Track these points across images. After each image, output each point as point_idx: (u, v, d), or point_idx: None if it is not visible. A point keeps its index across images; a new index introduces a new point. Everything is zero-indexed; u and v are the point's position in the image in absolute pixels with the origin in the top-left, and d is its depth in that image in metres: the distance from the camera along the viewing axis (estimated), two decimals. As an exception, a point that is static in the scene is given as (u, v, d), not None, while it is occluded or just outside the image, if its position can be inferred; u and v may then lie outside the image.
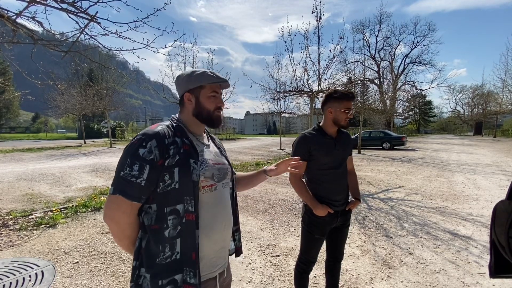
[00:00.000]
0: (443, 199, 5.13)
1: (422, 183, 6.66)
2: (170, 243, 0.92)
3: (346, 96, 1.71)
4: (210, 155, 1.09)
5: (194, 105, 1.06)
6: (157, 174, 0.91)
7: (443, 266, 2.64)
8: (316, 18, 8.26)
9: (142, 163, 0.89)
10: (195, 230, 0.94)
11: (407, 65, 41.99)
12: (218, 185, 1.06)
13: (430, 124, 63.45)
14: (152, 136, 0.93)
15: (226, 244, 1.09)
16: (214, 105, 1.07)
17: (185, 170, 0.94)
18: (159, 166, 0.91)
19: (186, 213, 0.93)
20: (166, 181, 0.93)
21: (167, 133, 0.97)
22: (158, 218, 0.93)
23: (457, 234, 3.42)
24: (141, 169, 0.89)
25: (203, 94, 1.06)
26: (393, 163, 10.44)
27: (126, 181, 0.89)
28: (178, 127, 1.03)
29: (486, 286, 2.30)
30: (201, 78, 1.04)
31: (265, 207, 4.70)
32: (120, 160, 0.92)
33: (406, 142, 17.22)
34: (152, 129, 0.97)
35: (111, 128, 21.31)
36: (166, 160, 0.92)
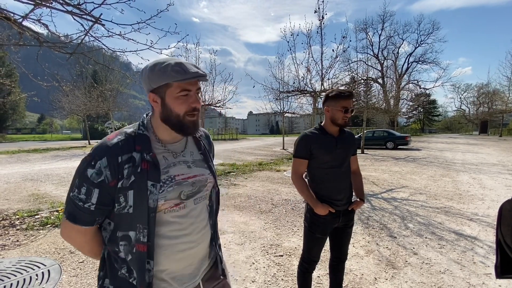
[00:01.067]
0: (448, 199, 5.09)
1: (426, 182, 6.61)
2: (126, 265, 0.84)
3: (342, 95, 1.71)
4: (182, 168, 0.92)
5: (161, 108, 0.86)
6: (110, 195, 0.81)
7: (448, 267, 2.62)
8: (319, 18, 8.24)
9: (90, 186, 0.78)
10: (145, 263, 0.83)
11: (410, 64, 41.76)
12: (187, 202, 0.92)
13: (434, 124, 62.91)
14: (103, 153, 0.79)
15: (196, 261, 0.97)
16: (186, 107, 0.85)
17: (141, 194, 0.81)
18: (111, 187, 0.80)
19: (137, 243, 0.82)
20: (121, 203, 0.82)
21: (123, 147, 0.82)
22: (111, 240, 0.86)
23: (463, 234, 3.39)
24: (89, 193, 0.79)
25: (170, 94, 0.83)
26: (397, 163, 10.38)
27: (74, 204, 0.80)
28: (141, 136, 0.86)
29: (492, 287, 2.28)
30: (163, 74, 0.80)
31: (268, 207, 4.70)
32: (73, 178, 0.82)
33: (410, 141, 17.10)
34: (106, 142, 0.82)
35: (115, 129, 21.49)
36: (119, 181, 0.80)
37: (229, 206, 4.81)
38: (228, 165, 9.90)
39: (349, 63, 16.77)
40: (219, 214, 1.10)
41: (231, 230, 3.66)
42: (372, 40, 39.59)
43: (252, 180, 7.23)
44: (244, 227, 3.75)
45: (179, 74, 0.79)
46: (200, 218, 0.97)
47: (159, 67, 0.81)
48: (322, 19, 8.25)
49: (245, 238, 3.39)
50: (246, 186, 6.41)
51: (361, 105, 16.86)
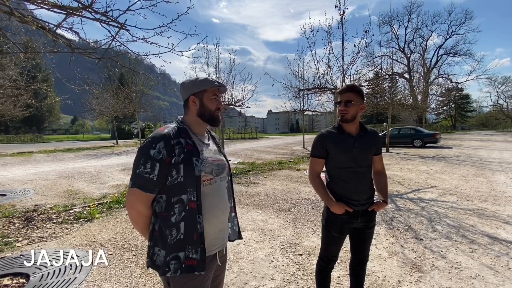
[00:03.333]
0: (482, 200, 4.75)
1: (457, 183, 6.21)
2: (176, 227, 1.12)
3: (339, 90, 1.74)
4: (210, 153, 1.26)
5: (198, 107, 1.24)
6: (166, 170, 1.11)
7: (479, 272, 2.46)
8: (340, 12, 8.00)
9: (153, 162, 1.09)
10: (197, 216, 1.13)
11: (440, 57, 39.33)
12: (217, 179, 1.25)
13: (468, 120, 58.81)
14: (160, 138, 1.12)
15: (224, 227, 1.29)
16: (215, 106, 1.26)
17: (189, 166, 1.13)
18: (167, 163, 1.10)
19: (189, 202, 1.12)
20: (173, 176, 1.12)
21: (173, 135, 1.15)
22: (167, 207, 1.13)
23: (497, 238, 3.15)
24: (153, 167, 1.09)
25: (206, 97, 1.24)
26: (424, 162, 9.85)
27: (141, 177, 1.09)
28: (182, 128, 1.21)
29: (530, 295, 2.11)
30: (204, 83, 1.23)
31: (288, 206, 4.68)
32: (136, 159, 1.12)
33: (439, 139, 16.12)
34: (160, 131, 1.15)
35: (140, 129, 22.47)
36: (172, 158, 1.11)
37: (248, 204, 4.85)
38: (248, 164, 9.98)
39: (372, 58, 16.15)
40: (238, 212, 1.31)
41: (250, 227, 3.70)
42: (397, 33, 37.81)
43: (272, 179, 7.23)
44: (264, 226, 3.77)
45: (215, 84, 1.25)
46: (224, 194, 1.30)
47: (200, 79, 1.24)
48: (343, 14, 8.00)
49: (264, 236, 3.41)
50: (266, 185, 6.43)
51: (386, 102, 16.15)
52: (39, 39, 4.51)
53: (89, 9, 2.46)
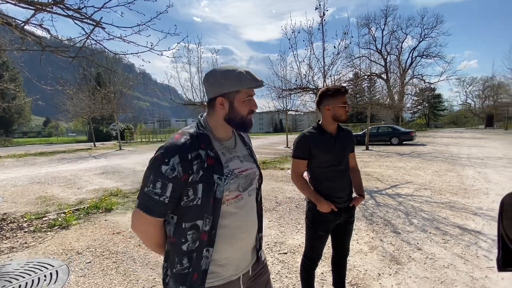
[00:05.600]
0: (453, 193, 5.05)
1: (431, 178, 6.56)
2: (188, 256, 0.92)
3: (340, 91, 1.73)
4: (237, 163, 1.02)
5: (227, 111, 0.96)
6: (181, 189, 0.89)
7: (452, 261, 2.61)
8: (320, 14, 8.19)
9: (165, 181, 0.87)
10: (204, 250, 0.92)
11: (415, 58, 41.25)
12: (244, 194, 1.02)
13: (440, 118, 62.16)
14: (175, 151, 0.88)
15: (249, 248, 1.07)
16: (248, 109, 0.98)
17: (209, 187, 0.90)
18: (183, 182, 0.88)
19: (203, 232, 0.92)
20: (189, 196, 0.90)
21: (190, 145, 0.91)
22: (176, 231, 0.93)
23: (467, 229, 3.36)
24: (164, 187, 0.87)
25: (238, 99, 0.95)
26: (401, 159, 10.30)
27: (149, 198, 0.89)
28: (203, 135, 0.95)
29: (495, 280, 2.27)
30: (238, 82, 0.93)
31: (272, 205, 4.72)
32: (145, 174, 0.91)
33: (415, 137, 16.93)
34: (175, 141, 0.90)
35: (120, 131, 21.70)
36: (190, 176, 0.88)
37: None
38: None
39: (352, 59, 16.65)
40: None
41: (235, 228, 3.68)
42: (375, 35, 39.25)
43: (256, 178, 7.24)
44: (248, 226, 3.77)
45: (252, 83, 0.94)
46: (252, 209, 1.08)
47: (233, 75, 0.92)
48: (323, 16, 8.20)
49: (248, 236, 3.41)
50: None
51: (365, 101, 16.72)
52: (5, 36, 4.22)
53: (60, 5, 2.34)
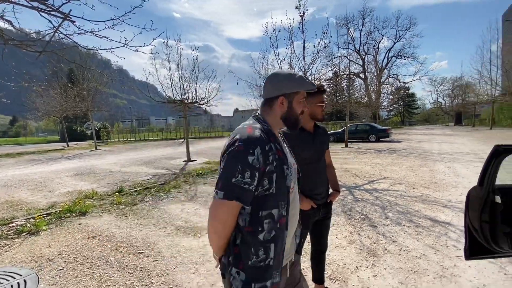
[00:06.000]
0: (425, 187, 5.33)
1: (405, 173, 6.88)
2: (264, 247, 0.96)
3: (318, 90, 1.77)
4: (290, 157, 1.13)
5: (286, 109, 1.08)
6: (261, 179, 0.95)
7: (424, 252, 2.76)
8: (300, 13, 8.28)
9: (253, 170, 0.92)
10: (284, 233, 1.01)
11: (390, 59, 42.99)
12: (295, 186, 1.14)
13: (414, 116, 65.30)
14: (257, 142, 0.95)
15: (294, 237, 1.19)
16: (301, 109, 1.11)
17: (281, 176, 0.99)
18: (262, 172, 0.95)
19: (280, 218, 0.99)
20: (264, 186, 0.96)
21: (266, 139, 0.98)
22: (252, 221, 0.97)
23: (437, 221, 3.57)
24: (253, 176, 0.93)
25: (297, 99, 1.09)
26: (378, 155, 10.72)
27: (239, 187, 0.92)
28: (268, 131, 1.03)
29: (462, 268, 2.42)
30: (301, 84, 1.07)
31: (254, 203, 4.73)
32: (229, 166, 0.94)
33: (391, 134, 17.69)
34: (252, 134, 0.97)
35: (95, 130, 20.71)
36: (267, 166, 0.95)
37: (214, 204, 4.79)
38: (214, 163, 9.83)
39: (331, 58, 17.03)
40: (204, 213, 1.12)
41: (216, 228, 3.65)
42: (353, 36, 40.38)
43: (238, 177, 7.22)
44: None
45: (310, 86, 1.09)
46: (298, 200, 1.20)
47: (296, 78, 1.06)
48: (303, 15, 8.30)
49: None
50: (232, 184, 6.40)
51: (344, 100, 17.20)
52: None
53: (24, -5, 2.18)
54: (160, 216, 4.22)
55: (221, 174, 0.95)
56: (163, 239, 3.32)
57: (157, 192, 5.71)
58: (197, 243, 3.22)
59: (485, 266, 2.43)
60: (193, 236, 3.44)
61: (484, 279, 2.26)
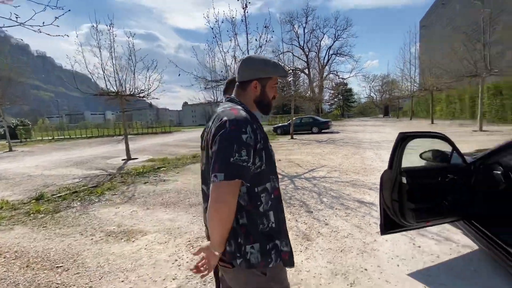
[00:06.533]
0: (356, 173, 5.94)
1: (341, 161, 7.55)
2: (265, 215, 1.03)
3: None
4: None
5: (259, 93, 1.12)
6: (254, 157, 0.99)
7: (350, 231, 3.05)
8: (242, 6, 8.22)
9: (249, 148, 0.96)
10: (281, 203, 1.10)
11: (331, 56, 46.41)
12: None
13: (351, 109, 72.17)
14: (247, 121, 0.99)
15: None
16: (273, 94, 1.16)
17: (269, 152, 1.05)
18: (254, 149, 0.99)
19: (274, 190, 1.07)
20: (256, 163, 1.01)
21: (251, 118, 1.03)
22: (251, 198, 1.02)
23: (363, 202, 4.00)
24: (249, 154, 0.96)
25: (270, 84, 1.13)
26: (319, 145, 11.54)
27: (239, 166, 0.93)
28: (249, 111, 1.08)
29: (380, 242, 2.76)
30: (275, 70, 1.11)
31: (199, 200, 4.59)
32: (224, 147, 0.95)
33: (331, 125, 19.22)
34: (239, 114, 1.00)
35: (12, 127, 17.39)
36: (257, 144, 1.00)
37: (155, 204, 4.50)
38: (159, 161, 9.25)
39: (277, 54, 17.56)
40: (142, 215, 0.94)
41: (154, 229, 3.43)
42: (297, 32, 42.27)
43: (184, 173, 6.94)
44: (170, 224, 3.57)
45: (283, 72, 1.16)
46: None
47: (271, 64, 1.10)
48: (245, 8, 8.27)
49: (169, 235, 3.22)
50: (177, 181, 6.11)
51: (290, 94, 17.97)
52: None
53: None
54: (88, 222, 3.77)
55: (216, 157, 0.95)
56: (89, 248, 2.97)
57: (87, 196, 5.10)
58: (130, 248, 2.97)
59: (399, 239, 2.81)
60: (126, 240, 3.16)
61: (397, 250, 2.61)
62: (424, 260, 2.42)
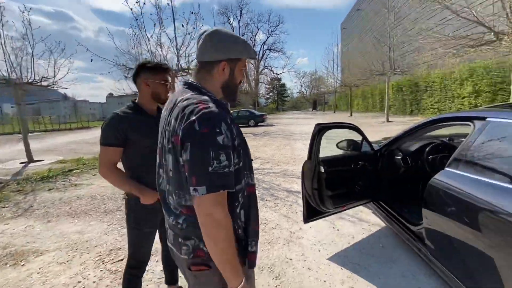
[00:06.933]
0: (286, 163, 6.20)
1: (274, 152, 7.81)
2: (239, 216, 0.91)
3: (161, 67, 1.53)
4: None
5: (227, 77, 0.94)
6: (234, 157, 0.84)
7: (278, 222, 3.10)
8: (168, -12, 7.51)
9: (227, 150, 0.80)
10: (255, 200, 0.96)
11: (265, 51, 47.88)
12: None
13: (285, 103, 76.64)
14: (219, 118, 0.80)
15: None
16: (240, 79, 1.00)
17: (245, 148, 0.92)
18: (233, 149, 0.84)
19: (247, 186, 0.93)
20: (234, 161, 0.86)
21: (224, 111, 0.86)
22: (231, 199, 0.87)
23: (291, 191, 4.16)
24: (229, 157, 0.80)
25: (239, 67, 0.96)
26: (255, 138, 11.75)
27: (220, 175, 0.78)
28: (217, 101, 0.90)
29: (305, 230, 2.87)
30: (247, 50, 0.94)
31: (117, 205, 4.01)
32: (198, 156, 0.78)
33: (266, 119, 19.94)
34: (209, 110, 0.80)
35: None
36: (234, 141, 0.85)
37: (60, 215, 3.73)
38: (71, 162, 7.86)
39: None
40: (39, 230, 1.36)
41: (54, 247, 2.81)
42: (232, 25, 42.02)
43: (102, 175, 6.03)
44: (77, 238, 2.98)
45: (253, 53, 0.97)
46: None
47: (241, 41, 0.93)
48: (171, -10, 7.56)
49: (74, 252, 2.68)
50: (92, 185, 5.25)
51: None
52: None
53: None
54: (-46, 249, 2.84)
55: (191, 168, 0.79)
56: (-51, 285, 2.21)
57: (-42, 214, 3.89)
58: (17, 274, 2.34)
59: (321, 225, 2.97)
60: (13, 265, 2.49)
61: (320, 236, 2.75)
62: (342, 242, 2.61)
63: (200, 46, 0.91)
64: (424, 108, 16.98)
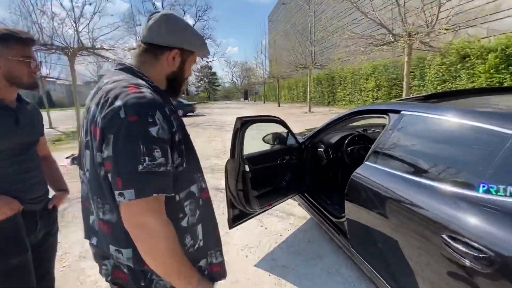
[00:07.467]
0: (216, 157, 5.86)
1: (204, 145, 7.34)
2: (190, 232, 0.76)
3: (19, 37, 1.04)
4: None
5: (176, 68, 0.84)
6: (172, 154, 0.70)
7: (203, 227, 2.76)
8: None
9: (163, 144, 0.65)
10: (212, 207, 0.86)
11: (193, 37, 45.35)
12: None
13: (217, 92, 75.37)
14: (154, 105, 0.66)
15: None
16: (188, 75, 0.90)
17: (189, 145, 0.78)
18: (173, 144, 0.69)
19: (201, 192, 0.81)
20: (175, 161, 0.72)
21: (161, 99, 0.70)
22: (170, 209, 0.69)
23: (220, 188, 3.87)
24: (165, 153, 0.66)
25: (190, 61, 0.87)
26: (183, 130, 10.95)
27: (154, 174, 0.63)
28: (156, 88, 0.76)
29: (232, 233, 2.61)
30: (202, 46, 0.86)
31: None
32: (125, 152, 0.62)
33: (195, 108, 18.98)
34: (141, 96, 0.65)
35: None
36: (174, 135, 0.70)
37: None
38: None
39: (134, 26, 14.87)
40: None
41: None
42: (155, 5, 37.96)
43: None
44: None
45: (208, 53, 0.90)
46: None
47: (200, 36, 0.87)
48: None
49: None
50: None
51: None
52: None
53: None
54: None
55: (115, 167, 0.62)
56: None
57: None
58: None
59: (250, 225, 2.76)
60: None
61: (248, 238, 2.55)
62: (270, 242, 2.47)
63: (151, 26, 0.78)
64: (339, 100, 19.11)
